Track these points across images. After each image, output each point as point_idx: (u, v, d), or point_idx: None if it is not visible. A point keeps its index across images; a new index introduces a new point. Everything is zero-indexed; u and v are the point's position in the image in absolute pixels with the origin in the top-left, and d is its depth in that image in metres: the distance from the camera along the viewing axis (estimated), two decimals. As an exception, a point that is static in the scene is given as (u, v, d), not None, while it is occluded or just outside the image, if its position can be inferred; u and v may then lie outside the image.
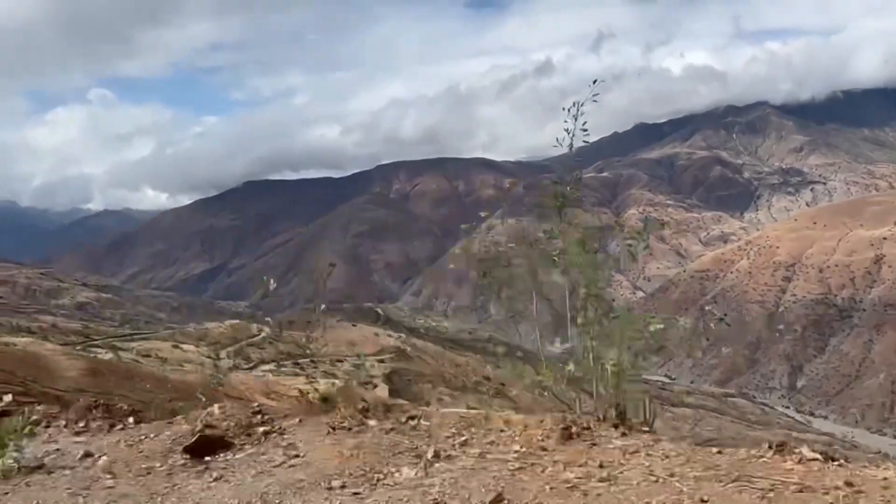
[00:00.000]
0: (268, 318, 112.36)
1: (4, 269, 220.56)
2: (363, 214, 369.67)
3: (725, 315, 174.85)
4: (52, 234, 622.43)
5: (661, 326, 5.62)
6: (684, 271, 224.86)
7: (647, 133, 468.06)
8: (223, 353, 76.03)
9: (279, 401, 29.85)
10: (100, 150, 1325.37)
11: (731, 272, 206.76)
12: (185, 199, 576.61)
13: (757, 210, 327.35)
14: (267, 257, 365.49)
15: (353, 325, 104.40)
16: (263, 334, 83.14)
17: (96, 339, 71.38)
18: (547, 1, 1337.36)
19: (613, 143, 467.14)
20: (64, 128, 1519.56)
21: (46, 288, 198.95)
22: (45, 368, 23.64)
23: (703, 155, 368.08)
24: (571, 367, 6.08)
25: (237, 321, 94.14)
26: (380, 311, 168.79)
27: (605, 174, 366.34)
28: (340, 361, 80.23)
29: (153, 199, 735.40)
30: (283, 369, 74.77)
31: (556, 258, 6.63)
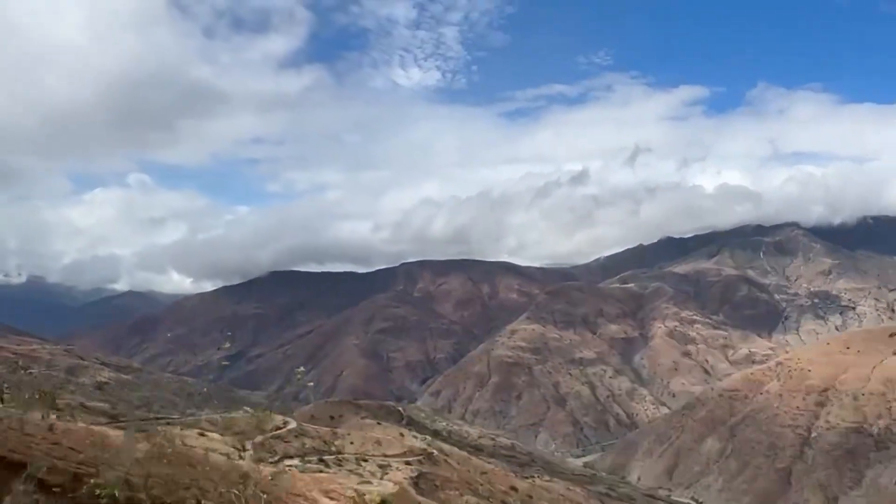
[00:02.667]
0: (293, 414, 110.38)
1: (27, 343, 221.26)
2: (386, 311, 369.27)
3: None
4: (76, 312, 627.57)
5: None
6: (712, 389, 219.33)
7: (672, 247, 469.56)
8: (248, 444, 74.09)
9: (339, 501, 28.37)
10: (132, 232, 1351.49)
11: (762, 393, 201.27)
12: (209, 286, 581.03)
13: (785, 331, 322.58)
14: (286, 348, 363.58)
15: (378, 424, 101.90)
16: (289, 427, 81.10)
17: (123, 421, 69.98)
18: (581, 115, 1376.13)
19: (638, 255, 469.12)
20: (100, 208, 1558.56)
21: (68, 365, 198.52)
22: (111, 450, 22.62)
23: (730, 272, 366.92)
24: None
25: (263, 412, 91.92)
26: (402, 410, 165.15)
27: (629, 286, 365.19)
28: (366, 461, 77.82)
29: (178, 283, 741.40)
30: (307, 465, 72.51)
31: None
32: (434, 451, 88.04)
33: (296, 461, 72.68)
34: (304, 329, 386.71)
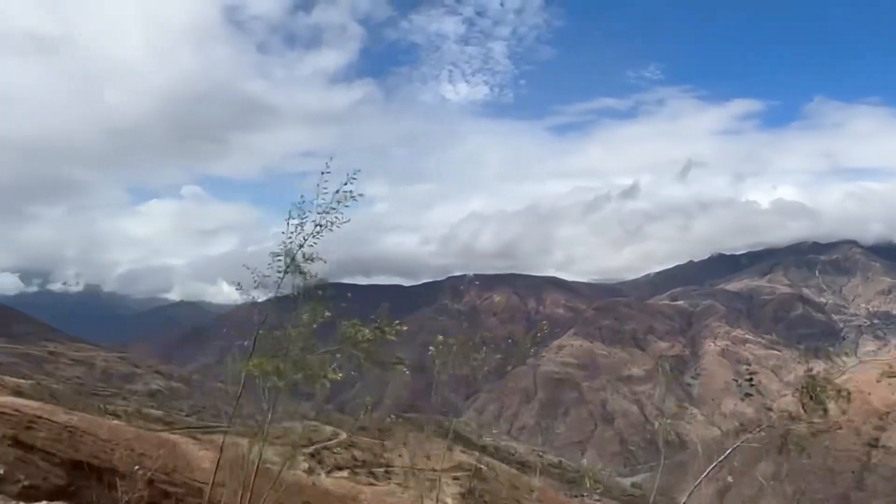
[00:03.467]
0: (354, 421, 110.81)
1: (84, 350, 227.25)
2: (431, 324, 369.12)
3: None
4: (130, 321, 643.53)
5: None
6: (766, 411, 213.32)
7: (724, 264, 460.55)
8: (299, 455, 74.57)
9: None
10: (185, 243, 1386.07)
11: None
12: (260, 296, 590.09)
13: (842, 352, 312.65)
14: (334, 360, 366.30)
15: (426, 438, 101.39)
16: (339, 439, 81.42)
17: (178, 429, 71.19)
18: (632, 129, 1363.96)
19: (688, 272, 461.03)
20: (155, 220, 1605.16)
21: (122, 372, 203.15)
22: (182, 457, 23.03)
23: (784, 290, 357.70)
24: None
25: (314, 423, 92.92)
26: (448, 424, 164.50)
27: (679, 302, 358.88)
28: (415, 474, 77.53)
29: (227, 294, 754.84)
30: (357, 476, 72.62)
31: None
32: (483, 466, 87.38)
33: (345, 473, 72.89)
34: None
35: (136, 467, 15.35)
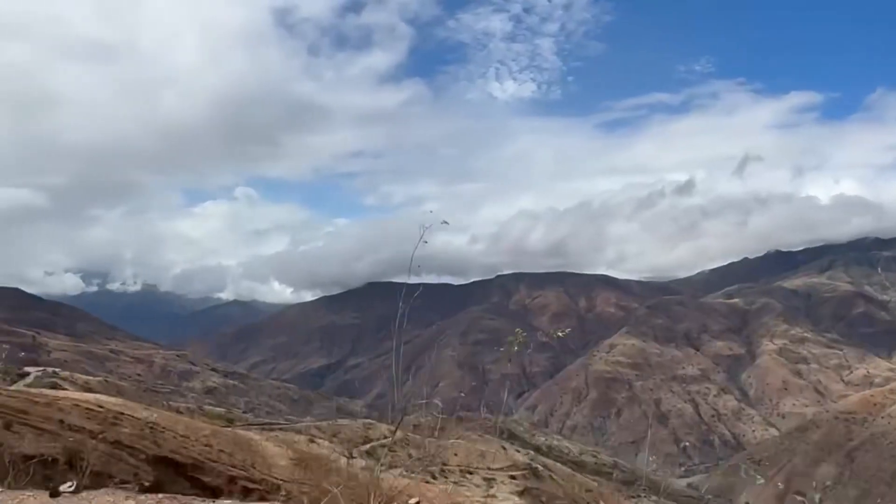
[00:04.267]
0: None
1: (143, 349, 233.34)
2: (481, 323, 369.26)
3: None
4: (185, 319, 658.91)
5: None
6: (826, 411, 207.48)
7: (780, 261, 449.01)
8: (355, 452, 75.07)
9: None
10: (237, 244, 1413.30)
11: (883, 417, 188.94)
12: (309, 296, 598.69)
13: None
14: (384, 358, 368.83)
15: (480, 436, 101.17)
16: (395, 437, 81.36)
17: (238, 426, 72.09)
18: (685, 124, 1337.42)
19: (744, 269, 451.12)
20: (209, 221, 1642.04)
21: (180, 370, 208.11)
22: (258, 454, 23.28)
23: (845, 288, 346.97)
24: None
25: (369, 420, 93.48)
26: (501, 423, 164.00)
27: (734, 300, 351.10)
28: (471, 473, 77.39)
29: (279, 293, 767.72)
30: (412, 474, 72.66)
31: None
32: (538, 466, 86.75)
33: (400, 470, 73.03)
34: (402, 339, 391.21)
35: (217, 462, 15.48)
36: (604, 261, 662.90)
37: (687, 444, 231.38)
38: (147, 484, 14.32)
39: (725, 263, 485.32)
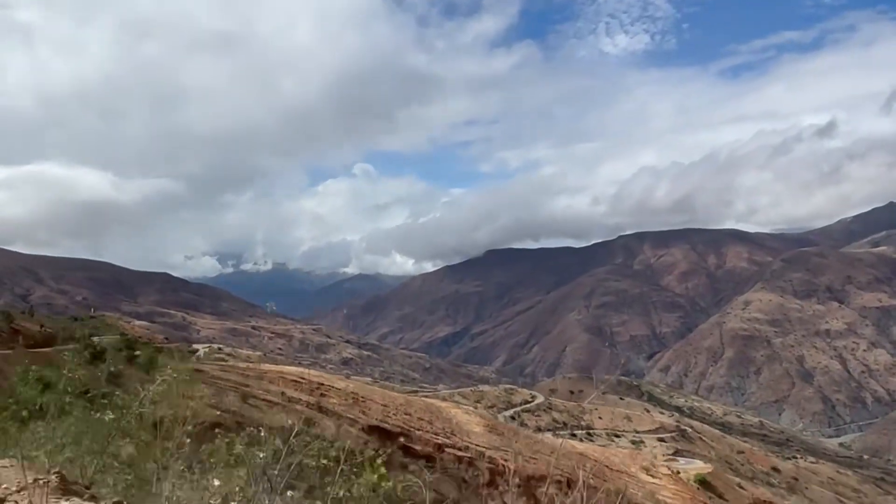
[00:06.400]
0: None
1: (282, 324, 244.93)
2: (606, 285, 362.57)
3: None
4: (314, 295, 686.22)
5: None
6: None
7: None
8: (500, 417, 75.56)
9: (659, 478, 27.23)
10: (359, 219, 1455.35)
11: None
12: (429, 266, 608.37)
13: None
14: (508, 324, 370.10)
15: (621, 399, 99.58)
16: (538, 401, 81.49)
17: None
18: (819, 62, 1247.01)
19: (890, 214, 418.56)
20: (331, 198, 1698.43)
21: (317, 343, 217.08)
22: (452, 421, 23.42)
23: None
24: None
25: (511, 386, 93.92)
26: (639, 386, 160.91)
27: (882, 248, 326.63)
28: (618, 436, 76.17)
29: (401, 265, 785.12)
30: (560, 437, 72.38)
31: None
32: (686, 427, 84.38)
33: (548, 434, 72.85)
34: (524, 305, 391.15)
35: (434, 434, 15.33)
36: (733, 214, 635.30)
37: (836, 402, 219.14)
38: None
39: (868, 210, 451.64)
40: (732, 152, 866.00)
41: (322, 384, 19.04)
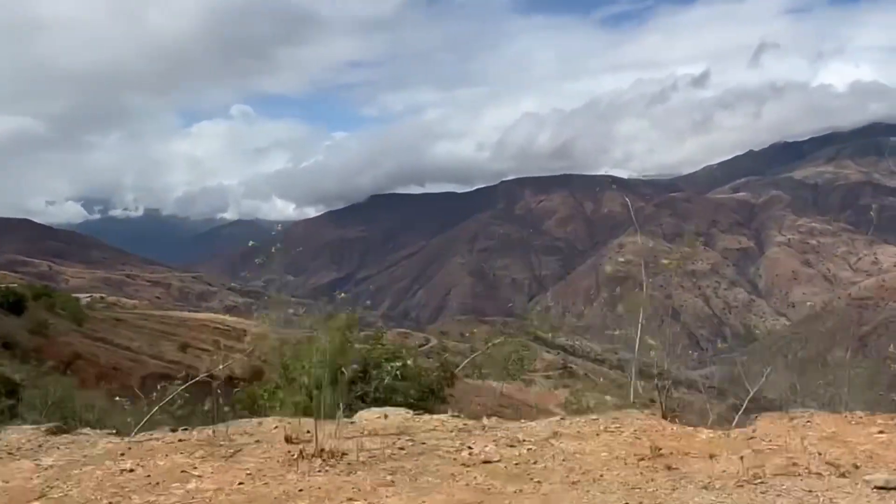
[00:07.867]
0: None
1: (158, 272, 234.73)
2: (489, 229, 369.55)
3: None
4: (190, 242, 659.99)
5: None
6: (838, 298, 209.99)
7: (786, 152, 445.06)
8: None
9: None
10: (237, 163, 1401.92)
11: (894, 301, 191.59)
12: (312, 211, 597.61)
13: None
14: (393, 269, 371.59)
15: (506, 340, 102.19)
16: (431, 343, 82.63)
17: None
18: (694, 13, 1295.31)
19: (749, 162, 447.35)
20: (207, 141, 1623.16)
21: (197, 291, 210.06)
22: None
23: (853, 176, 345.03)
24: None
25: (405, 330, 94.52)
26: (525, 327, 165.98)
27: (741, 194, 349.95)
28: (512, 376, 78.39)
29: (281, 210, 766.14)
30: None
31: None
32: (571, 365, 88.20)
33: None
34: (409, 250, 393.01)
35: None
36: (610, 161, 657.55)
37: (700, 337, 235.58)
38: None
39: (730, 157, 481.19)
40: (612, 100, 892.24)
41: (244, 330, 18.34)
